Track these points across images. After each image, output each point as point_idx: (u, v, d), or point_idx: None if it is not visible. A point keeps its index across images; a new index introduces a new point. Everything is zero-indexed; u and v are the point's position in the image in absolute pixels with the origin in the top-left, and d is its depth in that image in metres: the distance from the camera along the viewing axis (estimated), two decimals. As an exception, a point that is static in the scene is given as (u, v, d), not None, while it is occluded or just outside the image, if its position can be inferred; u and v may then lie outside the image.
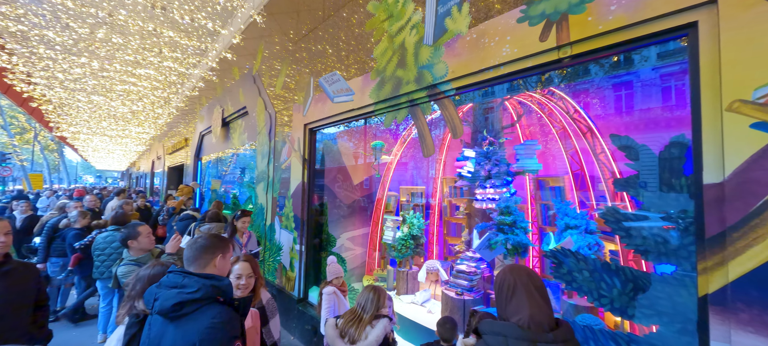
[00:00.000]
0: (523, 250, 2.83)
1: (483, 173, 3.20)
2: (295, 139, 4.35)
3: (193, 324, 1.16)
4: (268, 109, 5.17)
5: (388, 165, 4.54)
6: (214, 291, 1.20)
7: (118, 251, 3.74)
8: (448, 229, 4.56)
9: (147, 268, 1.75)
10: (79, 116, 9.69)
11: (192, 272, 1.25)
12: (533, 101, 3.48)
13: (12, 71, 5.96)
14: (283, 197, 4.54)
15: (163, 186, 14.89)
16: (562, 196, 3.24)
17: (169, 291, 1.19)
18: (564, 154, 3.28)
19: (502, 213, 2.86)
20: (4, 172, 17.48)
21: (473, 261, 3.13)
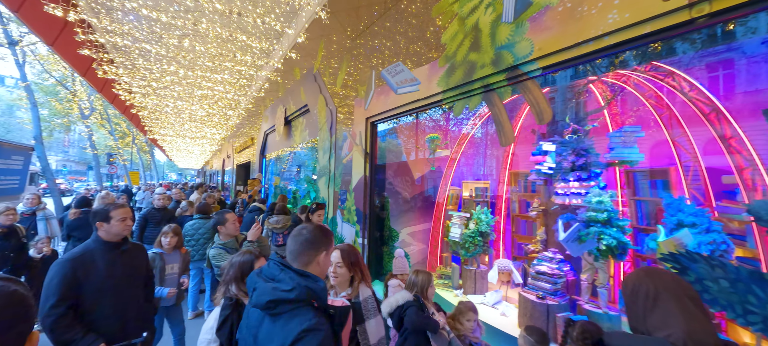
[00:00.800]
0: (621, 252, 2.45)
1: (566, 165, 2.85)
2: (356, 134, 4.38)
3: (284, 325, 1.09)
4: (329, 105, 5.30)
5: (450, 159, 4.34)
6: (307, 293, 1.11)
7: (204, 236, 4.14)
8: (517, 226, 4.22)
9: (238, 255, 1.84)
10: (167, 120, 11.07)
11: (290, 267, 1.18)
12: (628, 82, 3.01)
13: (118, 82, 6.98)
14: (345, 191, 4.61)
15: (233, 182, 16.43)
16: (666, 191, 2.75)
17: (266, 284, 1.14)
18: (670, 142, 2.78)
19: (593, 209, 2.50)
20: (111, 169, 20.84)
21: (555, 262, 2.81)
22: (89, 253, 1.95)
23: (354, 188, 4.37)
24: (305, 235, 1.27)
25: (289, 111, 7.51)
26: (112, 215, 1.99)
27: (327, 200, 5.17)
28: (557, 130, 3.08)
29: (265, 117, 9.89)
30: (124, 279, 2.04)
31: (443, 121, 4.91)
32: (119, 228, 2.01)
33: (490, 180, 4.47)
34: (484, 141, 4.54)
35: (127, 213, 2.06)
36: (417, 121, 4.99)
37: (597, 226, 2.52)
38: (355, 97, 4.50)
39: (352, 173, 4.43)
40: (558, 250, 2.97)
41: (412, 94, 3.34)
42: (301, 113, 6.92)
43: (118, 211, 2.01)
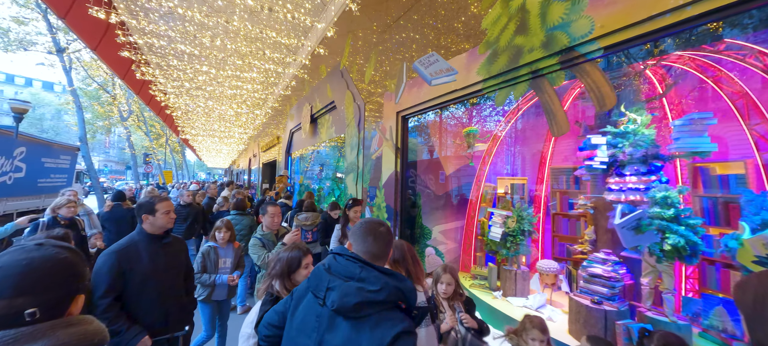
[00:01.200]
0: (690, 254, 2.18)
1: (622, 157, 2.60)
2: (386, 128, 4.27)
3: (372, 330, 0.95)
4: (357, 100, 5.23)
5: (485, 153, 4.14)
6: (396, 294, 0.99)
7: (241, 233, 4.18)
8: (558, 226, 3.95)
9: (287, 250, 1.77)
10: (198, 120, 11.49)
11: (372, 265, 1.04)
12: (694, 65, 2.70)
13: (154, 83, 7.28)
14: (374, 188, 4.52)
15: (259, 180, 16.86)
16: (741, 186, 2.43)
17: (347, 284, 0.99)
18: (747, 131, 2.45)
19: (659, 204, 2.25)
20: (147, 168, 22.02)
21: (609, 264, 2.57)
22: (134, 245, 1.97)
23: (384, 184, 4.26)
24: (384, 231, 1.14)
25: (315, 109, 7.53)
26: (158, 207, 2.00)
27: (355, 196, 5.10)
28: (609, 121, 2.82)
29: (290, 116, 10.02)
30: (166, 271, 2.05)
31: (471, 114, 4.70)
32: (164, 220, 2.02)
33: (527, 176, 4.22)
34: (522, 134, 4.30)
35: (170, 206, 2.07)
36: (449, 114, 4.81)
37: (661, 222, 2.26)
38: (384, 91, 4.39)
39: (382, 168, 4.33)
40: (612, 251, 2.72)
41: (448, 85, 3.18)
42: (327, 110, 6.91)
43: (162, 204, 2.02)
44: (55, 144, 11.74)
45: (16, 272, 0.82)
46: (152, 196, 2.07)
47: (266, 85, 7.28)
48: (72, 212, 3.57)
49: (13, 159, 9.20)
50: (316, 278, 1.09)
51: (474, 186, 4.23)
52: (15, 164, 9.34)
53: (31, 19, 12.99)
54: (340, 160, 9.54)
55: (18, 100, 7.11)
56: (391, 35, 4.26)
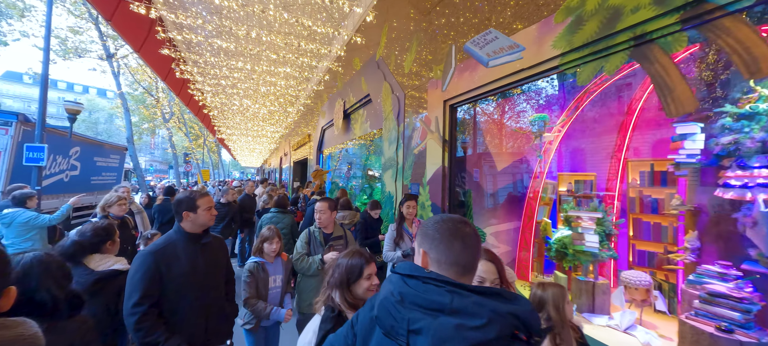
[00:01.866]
0: None
1: (749, 144, 2.04)
2: (431, 120, 3.90)
3: None
4: (395, 92, 4.90)
5: (546, 145, 3.64)
6: (511, 323, 0.66)
7: (282, 231, 3.99)
8: (637, 230, 3.38)
9: (345, 256, 1.47)
10: (233, 119, 11.75)
11: (463, 286, 0.72)
12: None
13: (192, 82, 7.42)
14: (417, 184, 4.16)
15: (290, 178, 17.08)
16: None
17: (439, 322, 0.68)
18: None
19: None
20: (187, 167, 23.19)
21: (731, 279, 2.03)
22: (172, 245, 1.76)
23: (429, 180, 3.89)
24: (471, 232, 0.81)
25: (348, 103, 7.30)
26: (199, 203, 1.78)
27: (394, 194, 4.77)
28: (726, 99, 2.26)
29: (322, 113, 9.91)
30: (206, 274, 1.82)
31: (530, 100, 4.19)
32: (205, 218, 1.80)
33: (595, 171, 3.67)
34: (588, 123, 3.74)
35: (211, 202, 1.84)
36: (504, 100, 4.34)
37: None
38: (428, 80, 4.01)
39: (426, 163, 3.96)
40: (730, 264, 2.17)
41: (510, 66, 2.75)
42: (361, 105, 6.64)
43: (203, 199, 1.80)
44: (106, 144, 12.52)
45: None
46: (192, 191, 1.86)
47: (300, 80, 7.17)
48: (123, 210, 3.42)
49: (69, 158, 9.84)
50: (387, 314, 0.77)
51: (532, 182, 3.74)
52: (71, 163, 9.99)
53: (85, 29, 13.97)
54: (367, 157, 9.28)
55: (72, 102, 7.52)
56: (431, 20, 3.89)
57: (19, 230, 3.61)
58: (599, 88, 3.31)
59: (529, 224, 3.74)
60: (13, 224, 3.58)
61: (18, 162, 7.38)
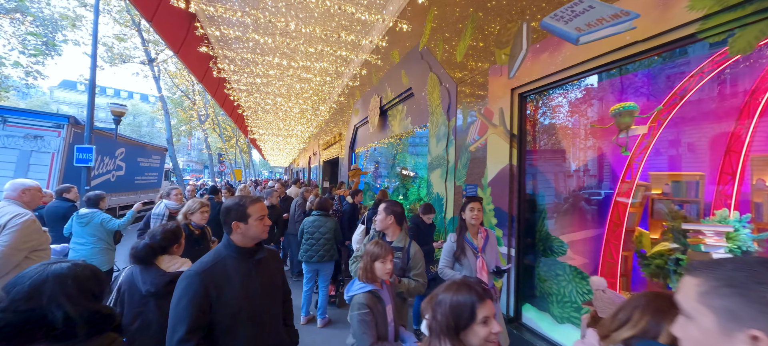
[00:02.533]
0: None
1: None
2: (493, 112, 3.41)
3: None
4: (445, 83, 4.44)
5: (639, 139, 3.03)
6: None
7: (325, 236, 3.69)
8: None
9: (446, 291, 1.06)
10: (266, 119, 11.80)
11: None
12: None
13: (228, 81, 7.38)
14: (474, 186, 3.69)
15: (320, 178, 17.06)
16: None
17: None
18: None
19: None
20: (221, 167, 24.00)
21: None
22: (221, 262, 1.43)
23: (491, 181, 3.40)
24: None
25: (385, 99, 6.92)
26: (250, 211, 1.44)
27: (444, 196, 4.32)
28: None
29: (355, 110, 9.62)
30: (262, 297, 1.49)
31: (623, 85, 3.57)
32: (257, 230, 1.46)
33: (703, 170, 3.01)
34: (693, 111, 3.08)
35: (264, 210, 1.50)
36: (585, 86, 3.75)
37: None
38: (490, 66, 3.52)
39: (487, 162, 3.48)
40: None
41: (612, 41, 2.22)
42: (401, 99, 6.24)
43: (255, 206, 1.46)
44: (148, 145, 13.05)
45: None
46: (242, 196, 1.53)
47: (334, 76, 6.89)
48: (205, 218, 3.12)
49: (115, 159, 10.27)
50: None
51: (620, 183, 3.14)
52: (117, 163, 10.43)
53: (129, 36, 14.67)
54: (396, 156, 8.86)
55: (116, 104, 7.74)
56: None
57: (94, 230, 3.63)
58: (719, 67, 2.67)
59: (615, 233, 3.15)
60: (91, 224, 3.59)
61: (69, 163, 7.70)
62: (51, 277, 1.02)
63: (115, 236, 3.91)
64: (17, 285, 0.95)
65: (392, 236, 2.45)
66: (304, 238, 3.87)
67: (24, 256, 2.33)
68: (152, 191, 13.75)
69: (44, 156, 7.58)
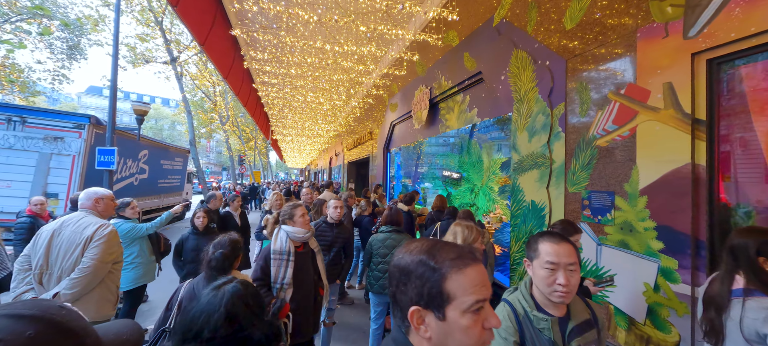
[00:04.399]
0: None
1: None
2: (651, 90, 2.41)
3: None
4: (542, 60, 3.46)
5: None
6: None
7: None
8: None
9: None
10: (293, 118, 11.06)
11: None
12: None
13: (260, 72, 6.62)
14: (610, 193, 2.69)
15: (344, 179, 16.27)
16: None
17: None
18: None
19: None
20: (241, 169, 23.68)
21: None
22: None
23: (646, 188, 2.41)
24: None
25: (437, 90, 5.98)
26: None
27: (547, 204, 3.34)
28: None
29: (391, 106, 8.72)
30: None
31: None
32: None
33: None
34: None
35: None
36: None
37: None
38: (637, 27, 2.53)
39: (637, 161, 2.48)
40: None
41: None
42: (463, 88, 5.28)
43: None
44: (171, 147, 12.58)
45: None
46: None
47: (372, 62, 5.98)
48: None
49: (138, 161, 9.75)
50: None
51: None
52: (140, 166, 9.92)
53: (151, 36, 14.30)
54: (431, 154, 7.89)
55: (139, 102, 7.12)
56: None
57: (123, 240, 3.17)
58: None
59: None
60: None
61: (90, 166, 7.14)
62: (234, 298, 1.02)
63: (157, 240, 3.57)
64: (206, 313, 0.95)
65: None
66: (373, 261, 2.98)
67: (108, 269, 2.32)
68: (175, 195, 13.31)
69: (65, 159, 7.04)
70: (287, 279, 2.11)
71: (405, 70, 6.19)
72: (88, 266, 2.19)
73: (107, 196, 2.53)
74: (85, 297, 2.24)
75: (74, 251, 2.23)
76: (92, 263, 2.19)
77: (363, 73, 6.42)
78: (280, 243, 2.20)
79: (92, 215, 2.38)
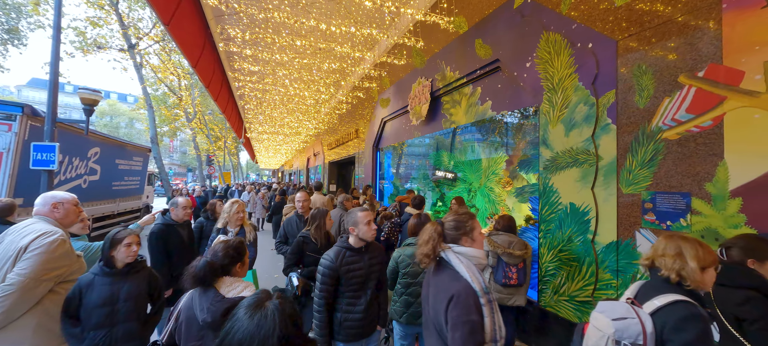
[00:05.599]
0: None
1: None
2: (745, 72, 2.01)
3: None
4: (582, 43, 3.03)
5: None
6: None
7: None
8: None
9: None
10: (271, 113, 10.12)
11: None
12: None
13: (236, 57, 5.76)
14: (686, 195, 2.28)
15: (325, 181, 15.43)
16: None
17: None
18: None
19: None
20: (210, 170, 21.98)
21: None
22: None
23: (741, 188, 2.01)
24: None
25: (441, 82, 5.47)
26: None
27: (591, 209, 2.90)
28: None
29: (382, 101, 8.11)
30: None
31: None
32: None
33: None
34: None
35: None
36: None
37: None
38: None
39: (725, 156, 2.08)
40: None
41: None
42: (473, 79, 4.79)
43: None
44: (128, 145, 11.12)
45: None
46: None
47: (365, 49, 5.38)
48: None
49: (87, 160, 8.39)
50: None
51: None
52: (90, 166, 8.54)
53: (106, 21, 12.65)
54: (431, 155, 7.44)
55: (87, 89, 5.97)
56: None
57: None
58: None
59: None
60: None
61: (24, 165, 5.89)
62: (283, 315, 0.94)
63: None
64: (259, 339, 0.87)
65: None
66: (400, 282, 2.37)
67: (48, 289, 1.88)
68: (133, 198, 11.82)
69: (-11, 157, 5.74)
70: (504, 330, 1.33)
71: (404, 60, 5.62)
72: (12, 284, 1.72)
73: (68, 200, 2.17)
74: (14, 325, 1.76)
75: (4, 266, 1.80)
76: (18, 280, 1.73)
77: (356, 61, 5.77)
78: (479, 279, 1.36)
79: (45, 223, 2.01)
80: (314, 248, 2.68)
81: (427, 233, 1.46)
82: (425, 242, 1.44)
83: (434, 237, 1.42)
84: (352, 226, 2.02)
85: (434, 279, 1.46)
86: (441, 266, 1.45)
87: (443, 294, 1.33)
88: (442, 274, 1.42)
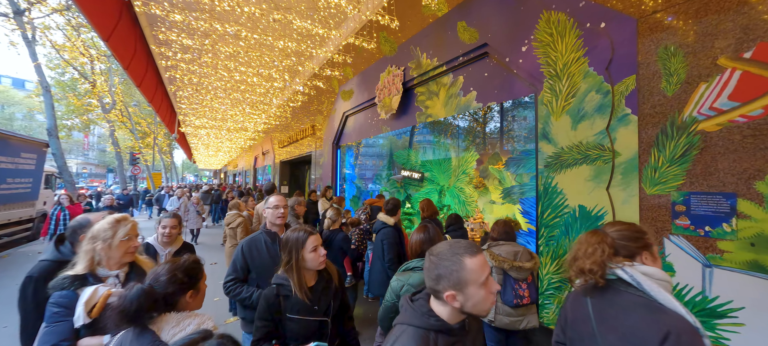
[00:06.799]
0: None
1: None
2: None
3: None
4: (593, 24, 2.65)
5: None
6: None
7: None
8: None
9: None
10: (211, 103, 8.65)
11: None
12: None
13: (165, 27, 4.52)
14: (730, 196, 1.96)
15: (277, 181, 14.00)
16: None
17: None
18: None
19: None
20: (135, 170, 18.84)
21: None
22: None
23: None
24: None
25: (416, 70, 4.89)
26: None
27: (606, 212, 2.52)
28: None
29: (344, 94, 7.32)
30: None
31: None
32: None
33: None
34: None
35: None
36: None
37: None
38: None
39: (782, 149, 1.77)
40: None
41: None
42: (455, 67, 4.29)
43: None
44: (14, 137, 8.68)
45: None
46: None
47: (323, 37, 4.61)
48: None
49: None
50: None
51: None
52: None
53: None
54: (391, 154, 6.91)
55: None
56: None
57: None
58: None
59: None
60: None
61: None
62: None
63: None
64: None
65: None
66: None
67: None
68: (23, 205, 9.33)
69: None
70: None
71: (373, 43, 4.93)
72: None
73: None
74: None
75: None
76: None
77: (319, 41, 4.93)
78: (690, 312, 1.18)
79: None
80: (300, 304, 1.52)
81: (589, 243, 1.15)
82: (588, 254, 1.13)
83: (604, 249, 1.12)
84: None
85: (601, 303, 1.11)
86: (612, 290, 1.11)
87: (644, 326, 0.99)
88: (618, 298, 1.08)
